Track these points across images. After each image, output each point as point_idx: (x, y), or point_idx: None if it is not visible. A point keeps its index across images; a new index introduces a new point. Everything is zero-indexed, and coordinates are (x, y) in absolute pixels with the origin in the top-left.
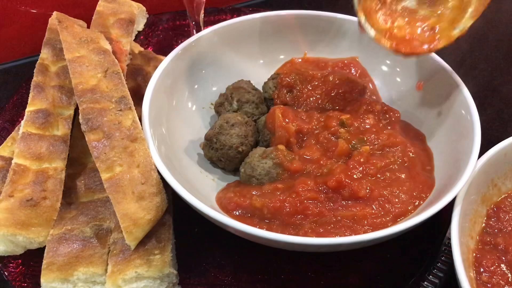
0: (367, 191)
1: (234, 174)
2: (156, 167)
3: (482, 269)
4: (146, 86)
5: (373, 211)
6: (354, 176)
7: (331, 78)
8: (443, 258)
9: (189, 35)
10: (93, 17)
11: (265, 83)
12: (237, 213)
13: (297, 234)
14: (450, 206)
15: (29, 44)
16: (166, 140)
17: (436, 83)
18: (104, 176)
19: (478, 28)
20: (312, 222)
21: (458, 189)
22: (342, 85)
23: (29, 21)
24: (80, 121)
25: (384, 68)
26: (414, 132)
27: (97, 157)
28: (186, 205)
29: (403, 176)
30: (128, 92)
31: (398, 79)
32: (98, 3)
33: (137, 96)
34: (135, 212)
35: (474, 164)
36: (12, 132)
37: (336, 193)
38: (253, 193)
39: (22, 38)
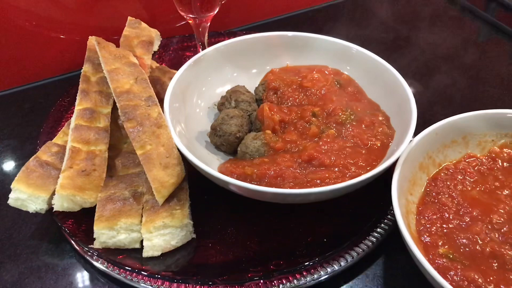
0: (332, 160)
1: (233, 156)
2: (176, 146)
3: (422, 216)
4: (164, 92)
5: (335, 174)
6: (322, 151)
7: (305, 82)
8: (392, 211)
9: (195, 53)
10: (121, 39)
11: (256, 87)
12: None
13: None
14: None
15: (65, 63)
16: (182, 131)
17: (385, 82)
18: (138, 152)
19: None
20: (289, 182)
21: (397, 155)
22: (314, 86)
23: (63, 45)
24: (120, 114)
25: (347, 73)
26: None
27: (133, 139)
28: (198, 178)
29: (362, 151)
30: (154, 93)
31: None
32: (124, 28)
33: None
34: (162, 177)
35: (410, 138)
36: (63, 127)
37: (308, 163)
38: (245, 163)
39: (58, 58)
